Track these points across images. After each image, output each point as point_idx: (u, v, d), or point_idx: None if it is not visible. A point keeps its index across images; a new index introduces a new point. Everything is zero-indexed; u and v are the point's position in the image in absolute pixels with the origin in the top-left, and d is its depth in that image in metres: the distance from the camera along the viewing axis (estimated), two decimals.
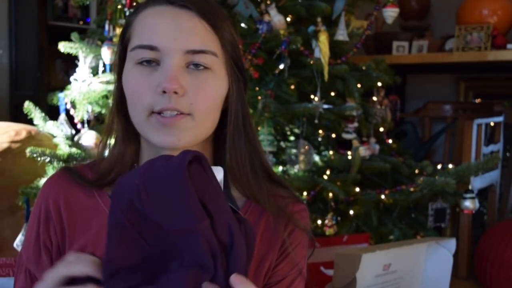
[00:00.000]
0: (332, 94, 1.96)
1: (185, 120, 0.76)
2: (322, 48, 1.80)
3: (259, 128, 1.73)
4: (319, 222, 1.80)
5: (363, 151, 1.90)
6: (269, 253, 0.83)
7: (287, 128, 1.95)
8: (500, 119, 2.79)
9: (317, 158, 1.92)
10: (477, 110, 3.29)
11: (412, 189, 1.85)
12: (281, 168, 1.87)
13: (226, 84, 0.82)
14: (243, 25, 1.79)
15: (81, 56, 1.95)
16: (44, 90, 3.05)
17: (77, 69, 1.96)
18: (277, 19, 1.81)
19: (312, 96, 1.82)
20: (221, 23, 0.80)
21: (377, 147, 2.01)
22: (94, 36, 2.09)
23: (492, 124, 2.79)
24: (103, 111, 1.88)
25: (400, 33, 3.27)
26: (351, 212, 1.84)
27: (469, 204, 1.88)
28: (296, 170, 1.83)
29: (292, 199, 0.89)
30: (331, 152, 1.96)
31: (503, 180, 2.83)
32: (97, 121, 1.98)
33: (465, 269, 2.46)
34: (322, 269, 1.59)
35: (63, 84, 2.16)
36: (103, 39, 1.95)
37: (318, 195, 1.81)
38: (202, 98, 0.77)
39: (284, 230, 0.84)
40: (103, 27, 2.01)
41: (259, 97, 1.68)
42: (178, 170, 0.57)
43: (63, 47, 1.98)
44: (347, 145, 1.97)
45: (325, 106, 1.82)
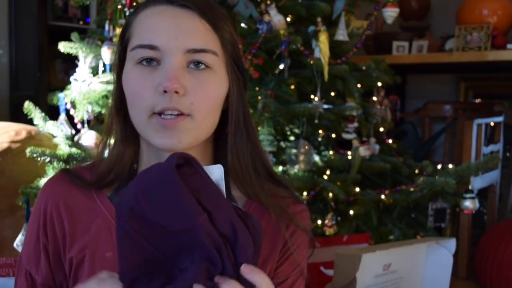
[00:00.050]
0: (332, 94, 1.96)
1: (185, 121, 0.76)
2: (322, 48, 1.80)
3: (259, 128, 1.73)
4: (319, 222, 1.80)
5: (363, 151, 1.90)
6: (271, 253, 0.83)
7: (287, 128, 1.95)
8: (500, 119, 2.79)
9: (317, 158, 1.92)
10: (477, 110, 3.29)
11: (412, 189, 1.85)
12: (281, 168, 1.87)
13: (226, 84, 0.82)
14: (243, 25, 1.79)
15: (81, 56, 1.95)
16: (44, 90, 3.05)
17: (77, 69, 1.96)
18: (277, 19, 1.81)
19: (312, 96, 1.82)
20: (221, 23, 0.80)
21: (377, 147, 2.01)
22: (94, 36, 2.08)
23: (492, 124, 2.79)
24: (103, 111, 1.88)
25: (400, 33, 3.27)
26: (351, 212, 1.84)
27: (469, 204, 1.88)
28: (296, 170, 1.83)
29: (293, 199, 0.89)
30: (331, 152, 1.96)
31: (503, 180, 2.83)
32: (97, 121, 1.98)
33: (465, 269, 2.46)
34: (322, 269, 1.59)
35: (63, 84, 2.16)
36: (103, 39, 1.95)
37: (318, 195, 1.80)
38: (202, 98, 0.77)
39: (285, 230, 0.84)
40: (103, 27, 2.01)
41: (259, 97, 1.68)
42: (168, 172, 0.60)
43: (63, 47, 1.98)
44: (347, 145, 1.97)
45: (325, 106, 1.82)
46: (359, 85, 1.94)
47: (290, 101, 1.76)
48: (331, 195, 1.77)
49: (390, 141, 2.23)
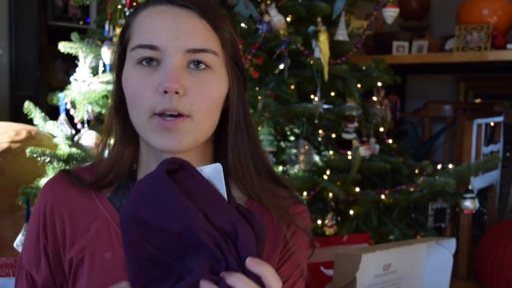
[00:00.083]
0: (332, 94, 1.96)
1: (185, 122, 0.76)
2: (322, 48, 1.80)
3: (259, 128, 1.73)
4: (319, 222, 1.80)
5: (363, 151, 1.90)
6: (272, 254, 0.83)
7: (287, 128, 1.95)
8: (500, 119, 2.79)
9: (317, 158, 1.92)
10: (477, 110, 3.29)
11: (412, 189, 1.85)
12: (281, 168, 1.87)
13: (226, 84, 0.82)
14: (243, 25, 1.79)
15: (81, 56, 1.95)
16: (44, 90, 3.06)
17: (77, 69, 1.96)
18: (277, 19, 1.81)
19: (312, 96, 1.82)
20: (221, 23, 0.80)
21: (377, 147, 2.01)
22: (94, 36, 2.08)
23: (492, 124, 2.79)
24: (103, 111, 1.88)
25: (400, 33, 3.27)
26: (351, 212, 1.84)
27: (469, 204, 1.88)
28: (296, 170, 1.83)
29: (293, 199, 0.89)
30: (331, 152, 1.96)
31: (503, 180, 2.83)
32: (97, 121, 1.98)
33: (465, 269, 2.46)
34: (322, 269, 1.59)
35: (63, 84, 2.16)
36: (103, 39, 1.95)
37: (318, 195, 1.80)
38: (202, 98, 0.77)
39: (286, 230, 0.84)
40: (103, 27, 2.00)
41: (259, 97, 1.68)
42: (160, 177, 0.62)
43: (63, 47, 1.98)
44: (347, 145, 1.96)
45: (325, 106, 1.82)
46: (359, 85, 1.94)
47: (290, 101, 1.76)
48: (331, 195, 1.77)
49: (390, 141, 2.22)
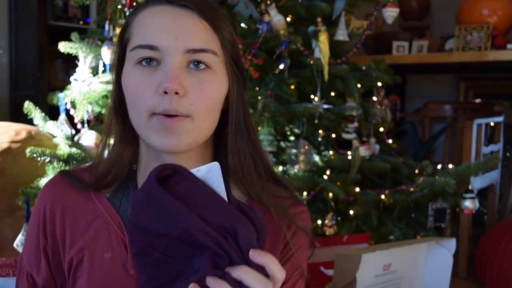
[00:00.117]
0: (332, 94, 1.96)
1: (185, 122, 0.76)
2: (322, 48, 1.80)
3: (259, 128, 1.73)
4: (319, 222, 1.80)
5: (363, 151, 1.90)
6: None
7: (287, 128, 1.95)
8: (500, 119, 2.79)
9: (317, 158, 1.92)
10: (477, 110, 3.29)
11: (412, 189, 1.85)
12: (281, 168, 1.87)
13: (226, 84, 0.81)
14: (243, 25, 1.79)
15: (81, 56, 1.95)
16: (44, 90, 3.06)
17: (77, 69, 1.96)
18: (277, 19, 1.81)
19: (312, 96, 1.82)
20: (221, 23, 0.80)
21: (377, 147, 2.01)
22: (94, 36, 2.08)
23: (492, 124, 2.79)
24: (103, 111, 1.88)
25: (400, 33, 3.27)
26: (351, 212, 1.84)
27: (469, 204, 1.88)
28: (296, 170, 1.83)
29: (293, 200, 0.89)
30: (331, 152, 1.96)
31: (503, 180, 2.83)
32: (97, 121, 1.98)
33: (465, 269, 2.46)
34: (322, 269, 1.59)
35: (63, 84, 2.16)
36: (103, 39, 1.95)
37: (318, 195, 1.80)
38: (202, 98, 0.77)
39: (287, 231, 0.84)
40: (103, 27, 2.00)
41: (259, 97, 1.68)
42: (151, 185, 0.65)
43: (63, 47, 1.98)
44: (347, 145, 1.96)
45: (325, 106, 1.81)
46: (359, 85, 1.94)
47: (290, 101, 1.76)
48: (331, 195, 1.77)
49: (390, 141, 2.22)
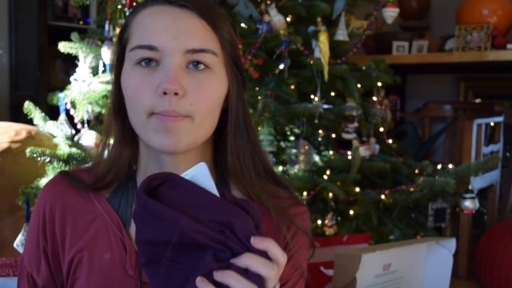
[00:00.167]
0: (332, 94, 1.96)
1: (184, 121, 0.76)
2: (322, 48, 1.80)
3: (259, 128, 1.73)
4: (319, 222, 1.79)
5: (363, 151, 1.90)
6: None
7: (287, 128, 1.95)
8: (500, 119, 2.79)
9: (317, 158, 1.92)
10: (477, 110, 3.29)
11: (412, 189, 1.85)
12: (281, 168, 1.87)
13: (226, 84, 0.81)
14: (243, 25, 1.79)
15: (81, 56, 1.95)
16: (44, 90, 3.06)
17: (77, 69, 1.96)
18: (277, 19, 1.81)
19: (312, 96, 1.82)
20: (220, 23, 0.80)
21: (377, 147, 2.01)
22: (94, 36, 2.08)
23: (492, 124, 2.79)
24: (103, 111, 1.88)
25: (400, 33, 3.27)
26: (351, 212, 1.83)
27: (469, 204, 1.88)
28: (296, 170, 1.83)
29: (293, 200, 0.89)
30: (331, 152, 1.96)
31: (503, 180, 2.83)
32: (97, 121, 1.98)
33: (465, 269, 2.46)
34: (322, 269, 1.59)
35: (63, 84, 2.16)
36: (103, 39, 1.95)
37: (318, 195, 1.80)
38: (202, 99, 0.77)
39: (287, 231, 0.84)
40: (103, 27, 2.00)
41: (259, 97, 1.68)
42: (142, 197, 0.66)
43: (63, 47, 1.98)
44: (347, 145, 1.96)
45: (325, 106, 1.81)
46: (359, 85, 1.94)
47: (290, 101, 1.76)
48: (331, 195, 1.77)
49: (390, 141, 2.22)
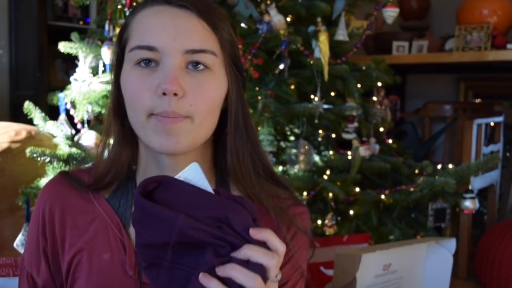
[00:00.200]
0: (332, 94, 1.96)
1: (184, 122, 0.76)
2: (322, 48, 1.80)
3: (259, 128, 1.73)
4: (319, 222, 1.79)
5: (363, 151, 1.90)
6: None
7: (287, 128, 1.95)
8: (500, 119, 2.79)
9: (317, 158, 1.92)
10: (477, 110, 3.29)
11: (412, 189, 1.85)
12: (281, 168, 1.87)
13: (225, 84, 0.81)
14: (243, 25, 1.79)
15: (81, 56, 1.95)
16: (44, 90, 3.06)
17: (77, 69, 1.96)
18: (277, 19, 1.81)
19: (312, 96, 1.82)
20: (220, 23, 0.80)
21: (377, 147, 2.01)
22: (94, 36, 2.08)
23: (492, 124, 2.79)
24: (103, 111, 1.88)
25: (400, 33, 3.27)
26: (351, 212, 1.83)
27: (469, 204, 1.88)
28: (296, 170, 1.83)
29: (293, 200, 0.89)
30: (331, 152, 1.96)
31: (503, 180, 2.83)
32: (97, 121, 1.98)
33: (465, 269, 2.46)
34: (322, 269, 1.59)
35: (63, 84, 2.16)
36: (103, 39, 1.95)
37: (318, 195, 1.80)
38: (201, 99, 0.77)
39: (286, 232, 0.84)
40: (103, 27, 2.00)
41: (259, 97, 1.68)
42: (139, 200, 0.66)
43: (63, 47, 1.98)
44: (347, 145, 1.96)
45: (325, 106, 1.81)
46: (359, 85, 1.94)
47: (290, 101, 1.76)
48: (331, 195, 1.77)
49: (390, 141, 2.22)
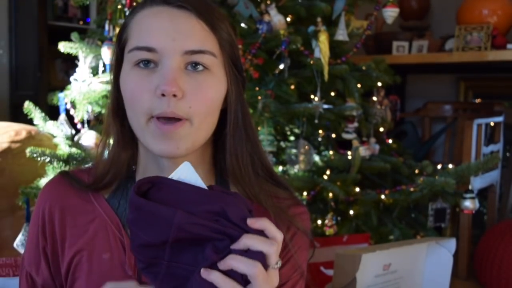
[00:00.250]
0: (332, 94, 1.96)
1: (183, 127, 0.76)
2: (322, 48, 1.80)
3: (259, 128, 1.73)
4: (319, 222, 1.80)
5: (363, 151, 1.90)
6: None
7: (287, 128, 1.95)
8: (500, 119, 2.79)
9: (317, 158, 1.92)
10: (477, 110, 3.29)
11: (412, 189, 1.85)
12: (281, 168, 1.87)
13: (225, 85, 0.81)
14: (243, 25, 1.79)
15: (81, 56, 1.95)
16: (44, 90, 3.06)
17: (77, 69, 1.96)
18: (277, 19, 1.81)
19: (312, 96, 1.82)
20: (219, 23, 0.80)
21: (377, 147, 2.01)
22: (94, 36, 2.08)
23: (492, 124, 2.79)
24: (103, 111, 1.88)
25: (400, 33, 3.27)
26: (351, 212, 1.84)
27: (469, 204, 1.88)
28: (296, 170, 1.83)
29: (293, 201, 0.89)
30: (331, 152, 1.96)
31: (503, 180, 2.83)
32: (97, 121, 1.98)
33: (465, 269, 2.46)
34: (322, 269, 1.59)
35: (63, 84, 2.16)
36: (103, 39, 1.95)
37: (318, 195, 1.80)
38: (201, 101, 0.76)
39: (286, 232, 0.84)
40: (103, 27, 2.00)
41: (259, 97, 1.68)
42: (135, 200, 0.66)
43: (63, 47, 1.98)
44: (347, 145, 1.96)
45: (325, 106, 1.81)
46: (359, 85, 1.94)
47: (290, 101, 1.76)
48: (331, 195, 1.77)
49: (390, 141, 2.22)
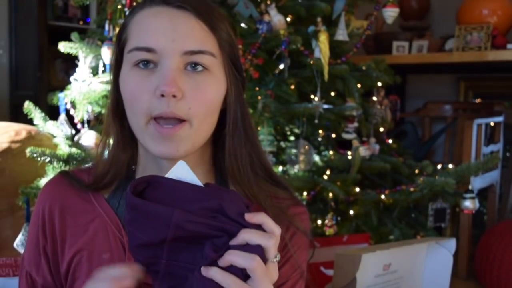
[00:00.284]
0: (332, 94, 1.96)
1: (183, 129, 0.76)
2: (322, 48, 1.80)
3: (259, 128, 1.73)
4: (319, 222, 1.80)
5: (363, 151, 1.90)
6: None
7: (287, 128, 1.95)
8: (500, 119, 2.79)
9: (317, 158, 1.92)
10: (477, 110, 3.29)
11: (412, 189, 1.85)
12: (281, 168, 1.87)
13: (224, 85, 0.81)
14: (243, 25, 1.79)
15: (81, 56, 1.95)
16: (44, 90, 3.06)
17: (77, 69, 1.96)
18: (277, 19, 1.81)
19: (312, 96, 1.82)
20: (218, 23, 0.79)
21: (377, 147, 2.01)
22: (94, 36, 2.08)
23: (492, 124, 2.79)
24: (103, 111, 1.88)
25: (400, 33, 3.27)
26: (351, 212, 1.84)
27: (469, 204, 1.88)
28: (296, 170, 1.83)
29: (292, 200, 0.89)
30: (331, 152, 1.96)
31: (503, 180, 2.83)
32: (97, 121, 1.98)
33: (465, 269, 2.46)
34: (322, 269, 1.59)
35: (63, 84, 2.16)
36: (103, 39, 1.95)
37: (318, 195, 1.80)
38: (200, 101, 0.76)
39: (285, 232, 0.84)
40: (103, 27, 2.00)
41: (259, 97, 1.68)
42: (131, 200, 0.66)
43: (63, 47, 1.98)
44: (347, 145, 1.96)
45: (325, 106, 1.81)
46: (359, 85, 1.94)
47: (290, 101, 1.76)
48: (331, 195, 1.77)
49: (390, 141, 2.22)
